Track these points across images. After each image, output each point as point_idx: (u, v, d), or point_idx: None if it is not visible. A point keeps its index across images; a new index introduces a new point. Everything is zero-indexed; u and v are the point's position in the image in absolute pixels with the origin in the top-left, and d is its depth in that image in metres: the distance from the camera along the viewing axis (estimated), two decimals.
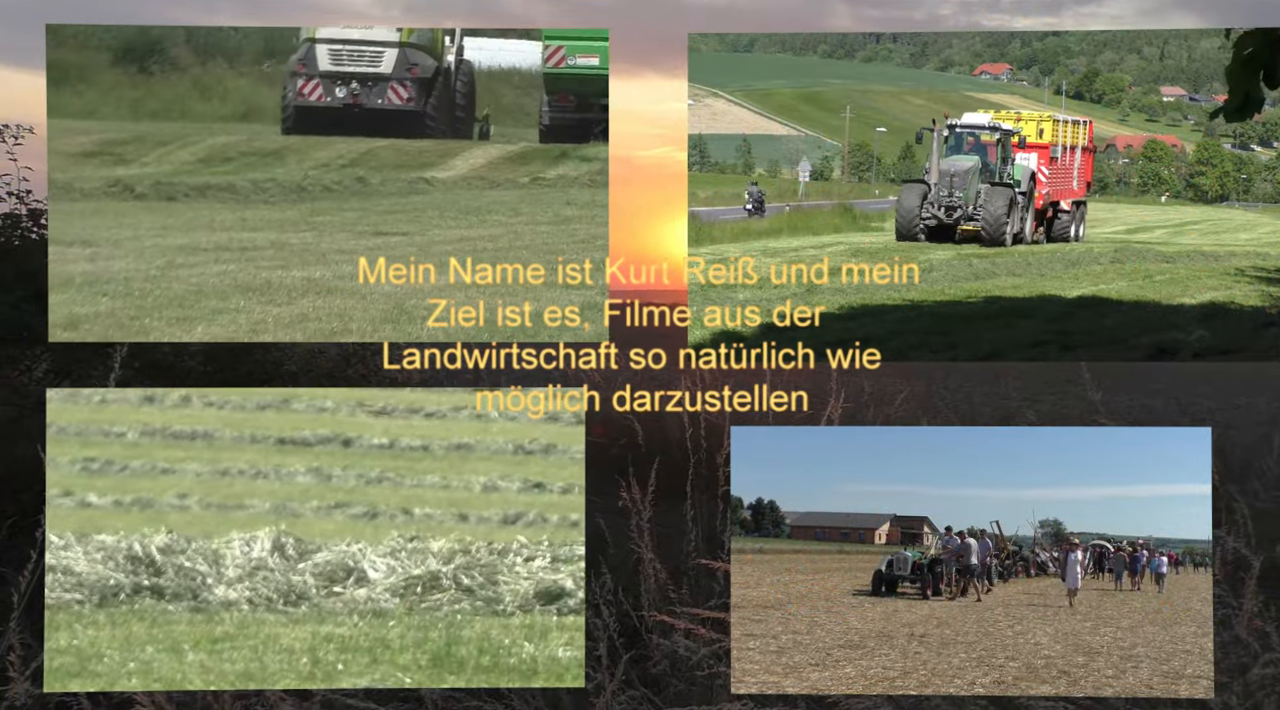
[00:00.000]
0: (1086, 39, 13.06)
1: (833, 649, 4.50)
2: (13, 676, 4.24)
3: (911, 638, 4.61)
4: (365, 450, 6.12)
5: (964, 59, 12.72)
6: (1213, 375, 14.69)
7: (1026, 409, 9.78)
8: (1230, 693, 4.42)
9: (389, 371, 5.69)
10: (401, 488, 5.80)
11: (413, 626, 4.56)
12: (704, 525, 5.59)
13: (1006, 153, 9.98)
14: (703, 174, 11.63)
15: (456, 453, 6.17)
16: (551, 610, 4.67)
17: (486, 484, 5.81)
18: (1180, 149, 11.62)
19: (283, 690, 4.29)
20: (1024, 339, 6.11)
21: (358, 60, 10.22)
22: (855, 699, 4.33)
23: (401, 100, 10.29)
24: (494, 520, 5.42)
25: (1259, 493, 6.95)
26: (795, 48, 13.64)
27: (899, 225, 9.37)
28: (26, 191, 7.88)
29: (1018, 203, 9.61)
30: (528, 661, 4.42)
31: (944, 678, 4.25)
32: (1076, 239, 9.86)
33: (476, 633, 4.53)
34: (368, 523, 5.36)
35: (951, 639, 4.60)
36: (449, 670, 4.35)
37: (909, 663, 4.36)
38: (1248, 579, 4.63)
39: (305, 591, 4.71)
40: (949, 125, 10.38)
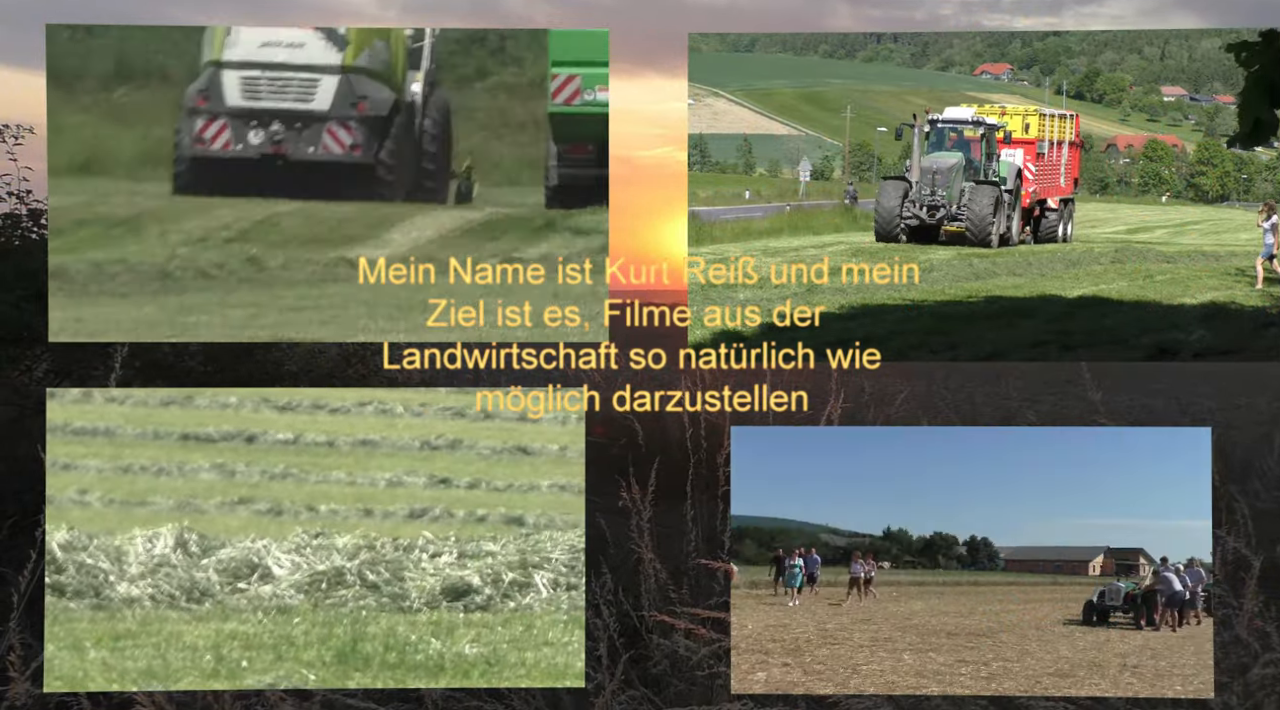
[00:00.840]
0: (1087, 39, 13.05)
1: (1042, 676, 4.46)
2: (13, 676, 4.24)
3: (1124, 668, 4.55)
4: (269, 446, 6.03)
5: (965, 59, 12.72)
6: (1213, 375, 14.68)
7: (1027, 409, 9.78)
8: (1230, 693, 4.42)
9: (389, 371, 5.69)
10: (306, 484, 5.77)
11: (318, 623, 4.52)
12: (704, 525, 5.58)
13: (991, 148, 9.57)
14: (703, 174, 11.60)
15: (362, 448, 6.14)
16: (458, 606, 4.65)
17: (392, 480, 5.80)
18: (1181, 149, 11.60)
19: (283, 690, 4.29)
20: (1024, 339, 6.11)
21: (282, 92, 7.58)
22: (855, 699, 4.33)
23: (343, 148, 7.57)
24: (399, 516, 5.41)
25: (1259, 493, 6.94)
26: (796, 48, 13.64)
27: (878, 225, 8.94)
28: (26, 191, 7.89)
29: (1004, 201, 9.18)
30: (435, 658, 4.37)
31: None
32: (1065, 239, 9.43)
33: (382, 629, 4.50)
34: (272, 519, 5.33)
35: (1167, 671, 4.52)
36: (354, 667, 4.32)
37: (1121, 693, 4.35)
38: (1248, 579, 4.63)
39: (209, 588, 4.67)
40: (930, 120, 9.87)
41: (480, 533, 5.01)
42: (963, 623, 4.90)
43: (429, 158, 7.99)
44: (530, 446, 6.13)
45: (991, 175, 9.36)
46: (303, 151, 7.51)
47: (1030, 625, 5.02)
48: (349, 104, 7.64)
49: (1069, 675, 4.43)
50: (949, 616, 4.93)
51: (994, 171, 9.41)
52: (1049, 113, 9.78)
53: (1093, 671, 4.46)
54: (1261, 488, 7.15)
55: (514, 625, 4.57)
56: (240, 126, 7.49)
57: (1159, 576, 4.84)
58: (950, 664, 4.46)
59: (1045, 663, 4.56)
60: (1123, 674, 4.45)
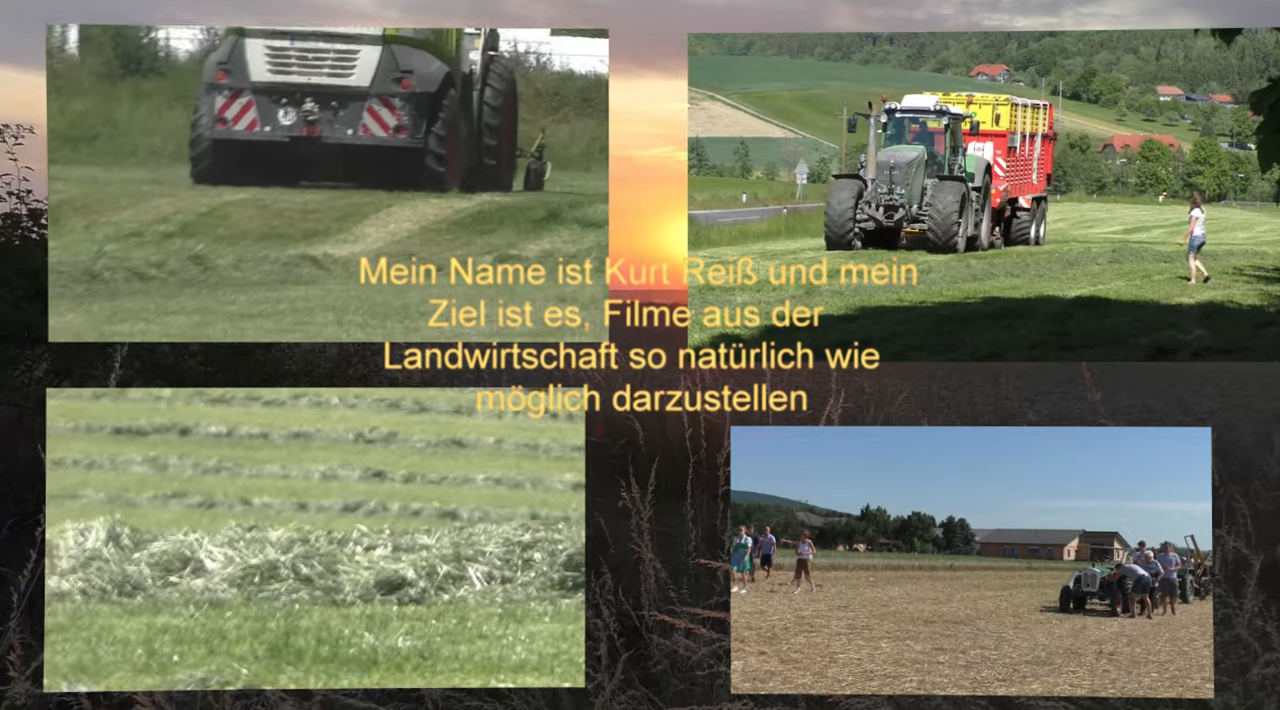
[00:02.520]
0: (1083, 39, 13.07)
1: (1020, 665, 4.44)
2: (13, 676, 4.24)
3: (1100, 655, 4.54)
4: (202, 439, 6.00)
5: (961, 60, 12.72)
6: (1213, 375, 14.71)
7: (1027, 409, 9.78)
8: (1230, 693, 4.43)
9: (389, 371, 5.68)
10: (239, 477, 5.71)
11: (250, 617, 4.50)
12: (704, 525, 5.59)
13: (956, 141, 8.68)
14: (700, 177, 11.59)
15: (296, 441, 6.01)
16: (392, 600, 4.63)
17: (326, 472, 5.76)
18: (1177, 148, 11.61)
19: (283, 690, 4.28)
20: (1023, 340, 6.11)
21: (316, 64, 6.62)
22: (855, 699, 4.33)
23: (386, 130, 6.64)
24: (334, 509, 5.39)
25: (1259, 493, 6.95)
26: (792, 50, 13.64)
27: (828, 230, 7.89)
28: (26, 191, 7.89)
29: (971, 199, 8.22)
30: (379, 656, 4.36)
31: None
32: (1036, 241, 8.68)
33: (315, 622, 4.48)
34: (205, 512, 5.27)
35: (1143, 657, 4.52)
36: (286, 660, 4.29)
37: (1097, 681, 4.32)
38: (1248, 579, 4.63)
39: (141, 582, 4.64)
40: (888, 110, 8.99)
41: (415, 526, 4.98)
42: (940, 610, 4.90)
43: (489, 137, 7.05)
44: (465, 439, 6.13)
45: (957, 170, 8.55)
46: (340, 133, 6.60)
47: (1008, 612, 5.04)
48: (393, 78, 6.67)
49: (1046, 663, 4.42)
50: (926, 603, 4.93)
51: (960, 166, 8.60)
52: (1021, 102, 9.05)
53: (1070, 659, 4.47)
54: (1261, 488, 7.15)
55: (448, 618, 4.55)
56: (268, 104, 6.53)
57: (1125, 564, 4.86)
58: (928, 652, 4.44)
59: (1023, 650, 4.56)
60: (1099, 661, 4.46)
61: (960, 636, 4.63)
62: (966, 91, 9.10)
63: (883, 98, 8.99)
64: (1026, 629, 4.86)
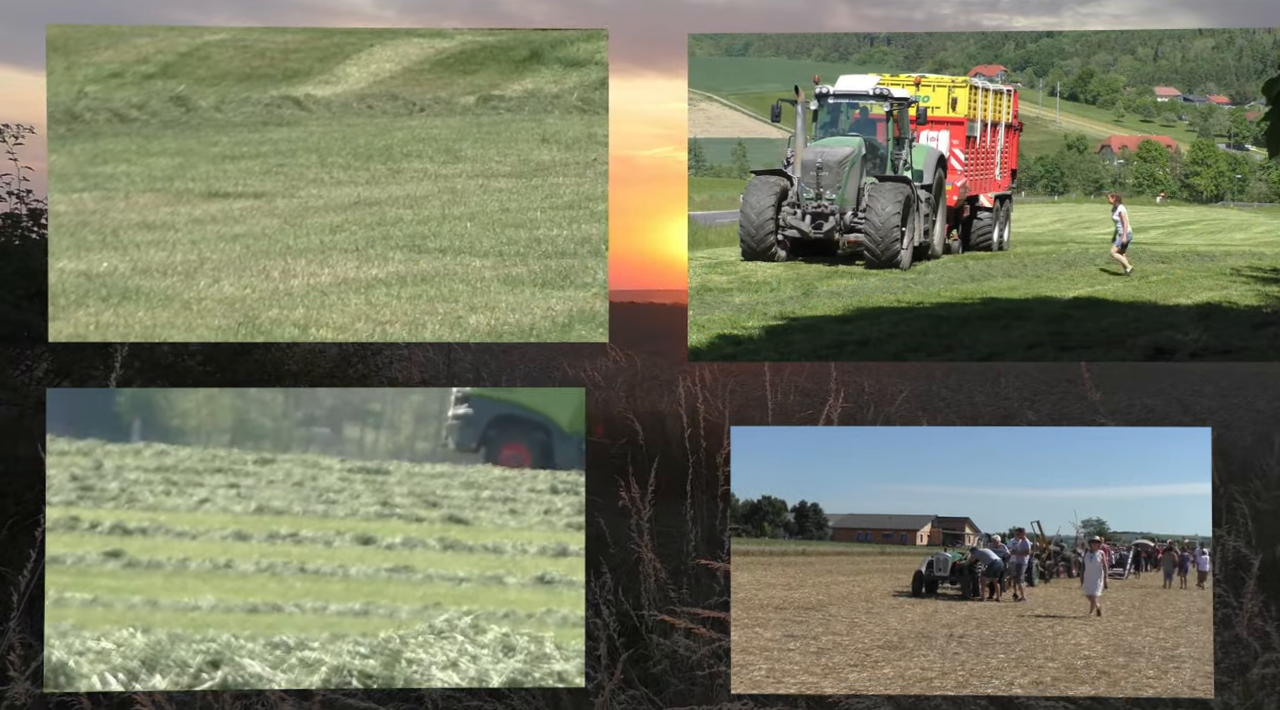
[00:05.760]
0: (1081, 40, 13.07)
1: (872, 650, 4.46)
2: (13, 676, 4.24)
3: (950, 639, 4.57)
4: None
5: (958, 61, 12.72)
6: (1213, 375, 14.73)
7: (1026, 409, 9.79)
8: (1230, 693, 4.43)
9: (389, 372, 5.68)
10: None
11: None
12: (704, 525, 5.59)
13: (903, 131, 7.36)
14: (698, 178, 11.58)
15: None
16: None
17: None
18: (1175, 149, 11.62)
19: (283, 690, 4.28)
20: (1021, 340, 6.12)
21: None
22: (855, 699, 4.33)
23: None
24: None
25: (1259, 493, 6.96)
26: (790, 51, 13.65)
27: (743, 238, 6.84)
28: (26, 191, 7.88)
29: (917, 202, 6.96)
30: None
31: (982, 678, 4.21)
32: (1000, 246, 7.67)
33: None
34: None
35: (991, 640, 4.55)
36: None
37: (947, 663, 4.33)
38: (1248, 579, 4.64)
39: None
40: (819, 94, 7.66)
41: None
42: (790, 596, 4.86)
43: None
44: None
45: (902, 167, 7.33)
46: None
47: (860, 597, 5.05)
48: None
49: (898, 647, 4.44)
50: (776, 590, 4.88)
51: (905, 161, 7.35)
52: (983, 86, 7.82)
53: (921, 643, 4.49)
54: (1261, 488, 7.16)
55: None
56: None
57: (978, 548, 4.90)
58: (778, 639, 4.42)
59: (875, 635, 4.58)
60: (949, 644, 4.48)
61: (812, 622, 4.63)
62: (916, 73, 7.97)
63: (814, 79, 7.77)
64: (879, 614, 4.89)
